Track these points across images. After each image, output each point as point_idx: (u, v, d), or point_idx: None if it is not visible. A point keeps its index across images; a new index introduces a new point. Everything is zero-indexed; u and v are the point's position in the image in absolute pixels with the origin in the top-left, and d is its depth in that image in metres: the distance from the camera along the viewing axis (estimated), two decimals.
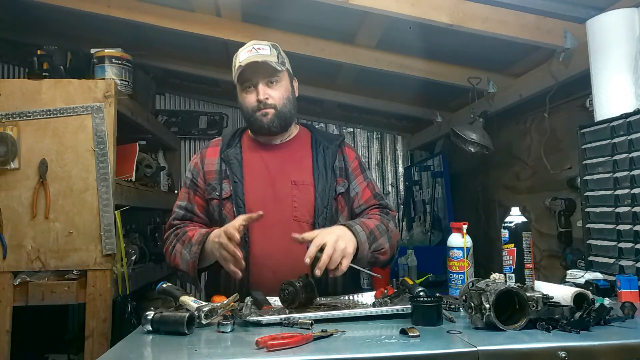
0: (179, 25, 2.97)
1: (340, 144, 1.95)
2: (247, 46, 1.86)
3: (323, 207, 1.81)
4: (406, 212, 4.75)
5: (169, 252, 1.85)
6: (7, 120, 2.48)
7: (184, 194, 1.94)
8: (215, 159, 1.90)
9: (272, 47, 1.86)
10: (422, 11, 2.39)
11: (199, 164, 1.92)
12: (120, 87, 2.73)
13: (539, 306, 1.29)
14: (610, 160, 2.01)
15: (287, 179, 1.85)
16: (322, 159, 1.88)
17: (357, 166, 1.94)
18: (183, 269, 1.78)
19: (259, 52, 1.82)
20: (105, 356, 1.17)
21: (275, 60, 1.82)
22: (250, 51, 1.83)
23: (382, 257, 1.78)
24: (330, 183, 1.84)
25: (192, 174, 1.93)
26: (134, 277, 2.77)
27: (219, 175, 1.86)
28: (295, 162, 1.89)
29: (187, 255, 1.77)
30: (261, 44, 1.85)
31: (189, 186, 1.93)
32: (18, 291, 2.45)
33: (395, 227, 1.88)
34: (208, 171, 1.90)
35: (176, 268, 1.82)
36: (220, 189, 1.84)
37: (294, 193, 1.82)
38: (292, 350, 1.14)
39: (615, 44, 2.06)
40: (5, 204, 2.46)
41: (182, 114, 4.62)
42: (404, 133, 4.95)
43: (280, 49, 1.90)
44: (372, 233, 1.74)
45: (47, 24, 3.47)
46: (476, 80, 3.16)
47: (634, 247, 1.85)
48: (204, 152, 1.95)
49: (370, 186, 1.93)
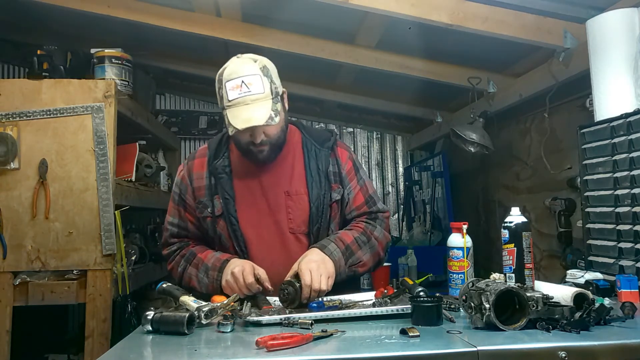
0: (179, 25, 2.97)
1: (332, 146, 1.85)
2: (232, 75, 1.63)
3: (318, 217, 1.76)
4: (406, 212, 4.75)
5: (179, 273, 1.81)
6: (7, 120, 2.48)
7: (173, 209, 1.86)
8: (204, 172, 1.80)
9: (262, 74, 1.64)
10: (422, 11, 2.39)
11: (187, 178, 1.83)
12: (120, 87, 2.73)
13: (539, 306, 1.29)
14: (610, 160, 2.01)
15: (280, 190, 1.78)
16: (314, 165, 1.80)
17: (351, 168, 1.86)
18: (202, 291, 1.74)
19: (250, 91, 1.61)
20: (105, 356, 1.17)
21: (269, 106, 1.62)
22: (240, 88, 1.61)
23: (360, 270, 1.79)
24: (324, 190, 1.78)
25: (180, 189, 1.84)
26: (134, 277, 2.77)
27: (209, 190, 1.78)
28: (287, 171, 1.80)
29: (205, 279, 1.73)
30: (249, 74, 1.62)
31: (177, 202, 1.85)
32: (18, 291, 2.45)
33: (382, 232, 1.84)
34: (198, 187, 1.80)
35: (192, 289, 1.76)
36: (212, 206, 1.76)
37: (288, 204, 1.77)
38: (292, 350, 1.14)
39: (615, 44, 2.06)
40: (5, 204, 2.46)
41: (182, 114, 4.62)
42: (404, 133, 4.95)
43: (269, 69, 1.68)
44: (348, 248, 1.73)
45: (47, 24, 3.47)
46: (476, 80, 3.16)
47: (634, 247, 1.85)
48: (191, 164, 1.84)
49: (363, 190, 1.86)
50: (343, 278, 1.72)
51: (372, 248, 1.79)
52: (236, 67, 1.66)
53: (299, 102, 4.37)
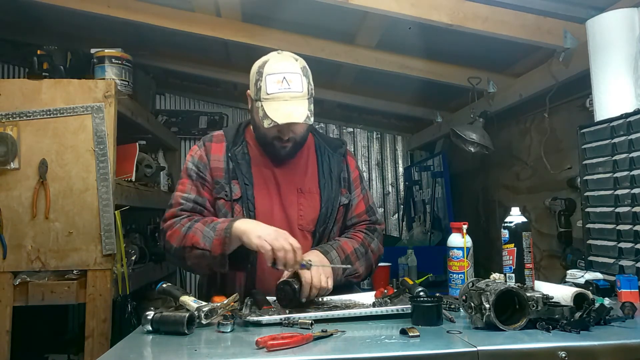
0: (179, 25, 2.97)
1: (344, 152, 1.92)
2: (274, 70, 1.65)
3: (327, 217, 1.80)
4: (406, 212, 4.75)
5: (181, 234, 1.68)
6: (7, 120, 2.48)
7: (190, 185, 1.78)
8: (222, 155, 1.80)
9: (302, 74, 1.67)
10: (422, 11, 2.39)
11: (205, 157, 1.80)
12: (120, 87, 2.73)
13: (539, 306, 1.29)
14: (610, 160, 2.01)
15: (293, 186, 1.81)
16: (327, 167, 1.85)
17: (357, 176, 1.93)
18: (204, 247, 1.63)
19: (290, 88, 1.63)
20: (105, 356, 1.17)
21: (306, 106, 1.64)
22: (281, 83, 1.64)
23: (354, 280, 1.84)
24: (335, 193, 1.83)
25: (198, 167, 1.79)
26: (134, 277, 2.77)
27: (227, 174, 1.77)
28: (301, 169, 1.85)
29: (211, 232, 1.63)
30: (291, 72, 1.65)
31: (196, 179, 1.78)
32: (18, 291, 2.45)
33: (378, 245, 1.88)
34: (215, 168, 1.78)
35: (193, 247, 1.65)
36: (230, 190, 1.75)
37: (300, 201, 1.80)
38: (292, 350, 1.14)
39: (615, 44, 2.06)
40: (5, 204, 2.46)
41: (182, 114, 4.62)
42: (404, 133, 4.95)
43: (308, 70, 1.71)
44: (347, 258, 1.75)
45: (47, 24, 3.47)
46: (476, 80, 3.16)
47: (634, 247, 1.85)
48: (209, 146, 1.82)
49: (365, 199, 1.92)
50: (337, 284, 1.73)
51: (367, 260, 1.84)
52: (278, 62, 1.68)
53: None
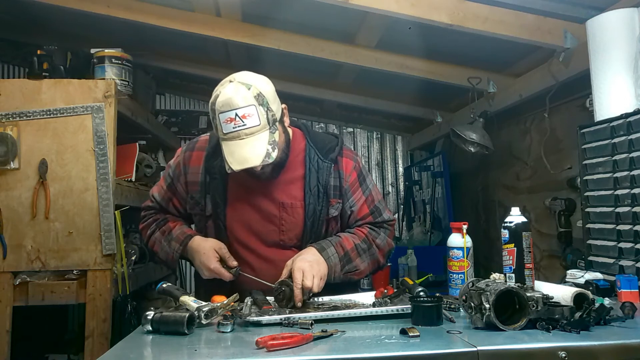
0: (179, 25, 2.98)
1: (336, 157, 1.77)
2: (225, 107, 1.55)
3: (312, 232, 1.73)
4: (406, 212, 4.75)
5: (147, 235, 1.88)
6: (7, 120, 2.48)
7: (162, 190, 1.86)
8: (200, 167, 1.76)
9: (257, 104, 1.55)
10: (422, 11, 2.39)
11: (181, 167, 1.79)
12: (120, 87, 2.73)
13: (539, 306, 1.29)
14: (610, 160, 2.01)
15: (275, 200, 1.73)
16: (315, 178, 1.73)
17: (355, 179, 1.80)
18: (162, 257, 1.85)
19: (245, 125, 1.53)
20: (105, 356, 1.17)
21: (266, 140, 1.56)
22: (234, 121, 1.53)
23: (355, 277, 1.79)
24: (322, 205, 1.73)
25: (173, 176, 1.82)
26: (134, 277, 2.77)
27: (202, 187, 1.75)
28: (285, 181, 1.75)
29: (166, 247, 1.80)
30: (243, 106, 1.54)
31: (168, 186, 1.85)
32: (18, 291, 2.45)
33: (385, 239, 1.82)
34: (192, 182, 1.77)
35: (154, 253, 1.89)
36: (204, 205, 1.74)
37: (281, 216, 1.73)
38: (292, 350, 1.14)
39: (615, 44, 2.06)
40: (5, 204, 2.46)
41: (182, 114, 4.62)
42: (404, 133, 4.95)
43: (264, 96, 1.58)
44: (347, 254, 1.72)
45: (47, 24, 3.47)
46: (476, 80, 3.16)
47: (634, 247, 1.85)
48: (188, 156, 1.79)
49: (368, 200, 1.81)
50: (337, 282, 1.71)
51: (372, 256, 1.79)
52: (229, 96, 1.55)
53: (299, 102, 4.37)
